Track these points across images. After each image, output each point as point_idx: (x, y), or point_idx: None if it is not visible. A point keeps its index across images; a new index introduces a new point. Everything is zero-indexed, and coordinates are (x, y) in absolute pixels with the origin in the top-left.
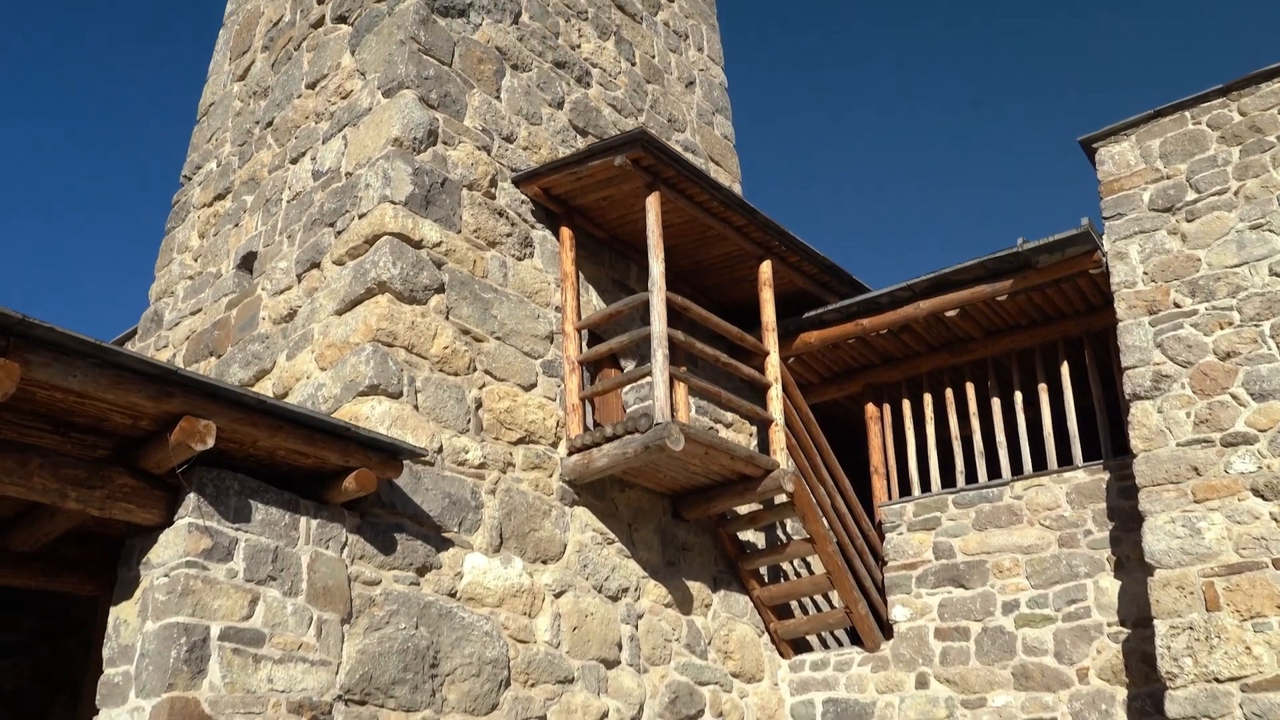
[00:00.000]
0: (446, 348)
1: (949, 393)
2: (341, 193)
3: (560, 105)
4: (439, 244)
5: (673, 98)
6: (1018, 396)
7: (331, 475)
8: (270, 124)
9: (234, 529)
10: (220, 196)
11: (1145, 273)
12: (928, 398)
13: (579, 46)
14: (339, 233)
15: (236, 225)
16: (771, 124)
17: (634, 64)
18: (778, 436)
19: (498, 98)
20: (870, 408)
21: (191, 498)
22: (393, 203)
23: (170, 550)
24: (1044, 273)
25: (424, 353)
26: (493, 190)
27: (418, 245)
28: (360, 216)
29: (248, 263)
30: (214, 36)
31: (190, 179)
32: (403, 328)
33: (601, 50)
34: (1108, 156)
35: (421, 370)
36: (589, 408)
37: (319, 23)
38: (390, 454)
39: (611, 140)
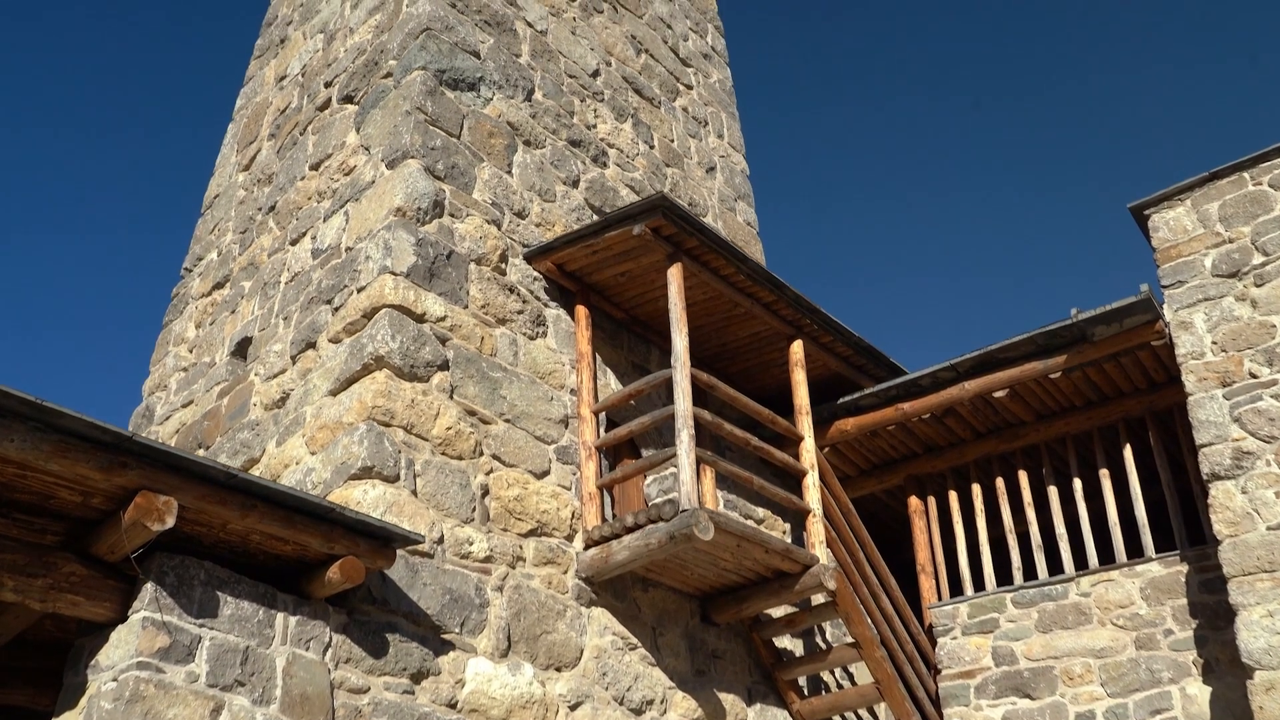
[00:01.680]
0: (450, 429)
1: (1000, 482)
2: (340, 268)
3: (575, 184)
4: (443, 318)
5: (693, 182)
6: (1077, 484)
7: (314, 565)
8: (273, 208)
9: (197, 625)
10: (219, 285)
11: (1214, 342)
12: (976, 488)
13: (595, 126)
14: (336, 309)
15: (233, 312)
16: (798, 214)
17: (652, 147)
18: (816, 528)
19: (509, 172)
20: (913, 500)
21: (149, 588)
22: (393, 274)
23: (121, 650)
24: (1100, 346)
25: (425, 433)
26: (503, 266)
27: (420, 319)
28: (359, 290)
29: (242, 349)
30: (223, 134)
31: (190, 270)
32: (401, 406)
33: (619, 131)
34: (1162, 223)
35: (421, 452)
36: (607, 498)
37: (325, 105)
38: (382, 541)
39: (629, 208)
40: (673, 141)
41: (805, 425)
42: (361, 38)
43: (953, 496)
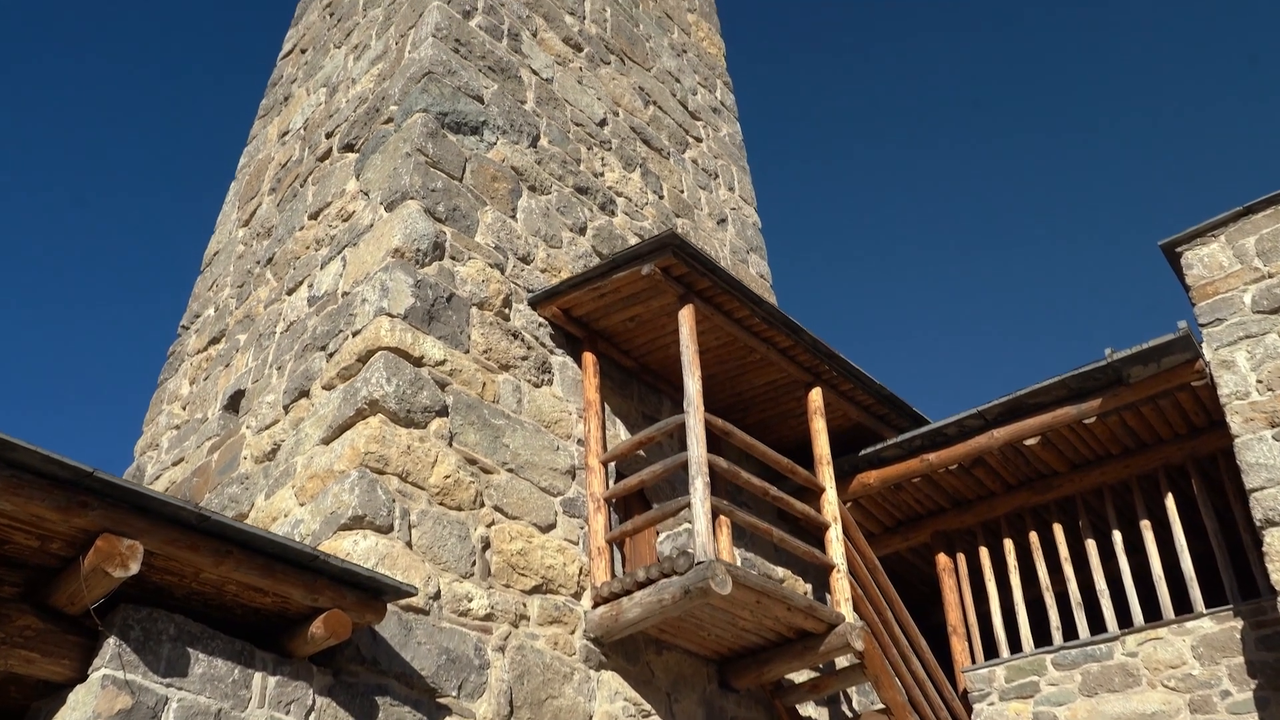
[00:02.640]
0: (448, 477)
1: (1034, 537)
2: (335, 314)
3: (582, 231)
4: (443, 362)
5: (704, 233)
6: (1116, 537)
7: (296, 620)
8: (270, 260)
9: (164, 685)
10: (215, 340)
11: (1259, 381)
12: (1009, 544)
13: (602, 174)
14: (330, 355)
15: (227, 365)
16: (812, 268)
17: (662, 197)
18: (841, 585)
19: (513, 217)
20: (941, 558)
21: (110, 643)
22: (390, 315)
23: (79, 712)
24: (1137, 389)
25: (421, 482)
26: (506, 311)
27: (418, 362)
28: (354, 334)
29: (235, 402)
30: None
31: (187, 328)
32: (396, 452)
33: (627, 180)
34: (1196, 260)
35: (418, 502)
36: (617, 556)
37: (325, 155)
38: (371, 592)
39: (637, 247)
40: (683, 192)
41: (826, 475)
42: (364, 87)
43: (983, 553)
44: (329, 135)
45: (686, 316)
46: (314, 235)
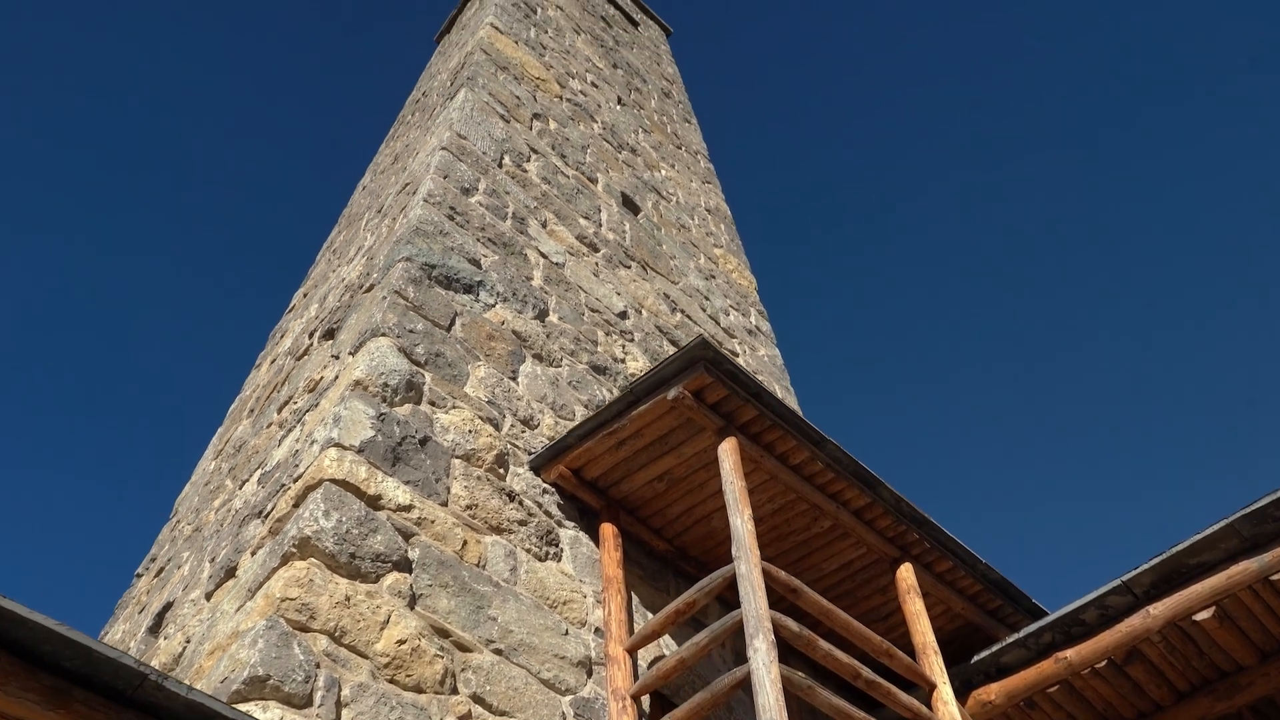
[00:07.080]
0: (404, 644)
1: None
2: (281, 478)
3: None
4: (408, 508)
5: None
6: None
7: None
8: (231, 470)
9: None
10: (161, 571)
11: None
12: None
13: (623, 361)
14: (265, 516)
15: (164, 587)
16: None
17: None
18: None
19: (514, 380)
20: None
21: None
22: (340, 446)
23: None
24: None
25: (362, 647)
26: (500, 470)
27: (373, 503)
28: (296, 480)
29: (160, 619)
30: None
31: (140, 575)
32: (328, 603)
33: None
34: None
35: (355, 673)
36: None
37: (304, 353)
38: None
39: (661, 368)
40: None
41: (935, 668)
42: (352, 277)
43: None
44: (311, 334)
45: (729, 450)
46: (279, 422)
